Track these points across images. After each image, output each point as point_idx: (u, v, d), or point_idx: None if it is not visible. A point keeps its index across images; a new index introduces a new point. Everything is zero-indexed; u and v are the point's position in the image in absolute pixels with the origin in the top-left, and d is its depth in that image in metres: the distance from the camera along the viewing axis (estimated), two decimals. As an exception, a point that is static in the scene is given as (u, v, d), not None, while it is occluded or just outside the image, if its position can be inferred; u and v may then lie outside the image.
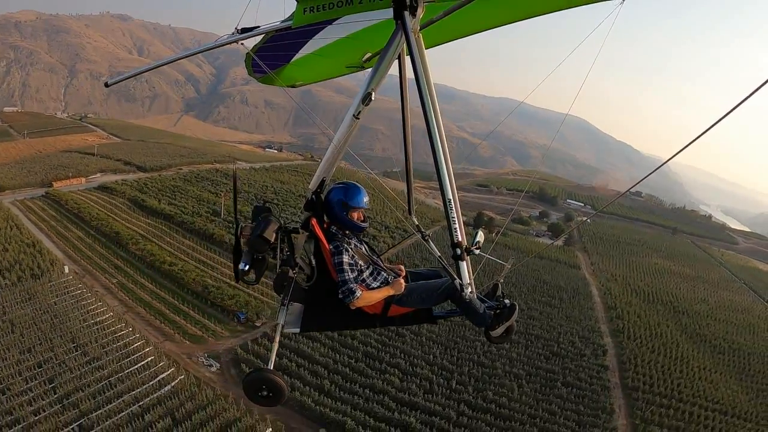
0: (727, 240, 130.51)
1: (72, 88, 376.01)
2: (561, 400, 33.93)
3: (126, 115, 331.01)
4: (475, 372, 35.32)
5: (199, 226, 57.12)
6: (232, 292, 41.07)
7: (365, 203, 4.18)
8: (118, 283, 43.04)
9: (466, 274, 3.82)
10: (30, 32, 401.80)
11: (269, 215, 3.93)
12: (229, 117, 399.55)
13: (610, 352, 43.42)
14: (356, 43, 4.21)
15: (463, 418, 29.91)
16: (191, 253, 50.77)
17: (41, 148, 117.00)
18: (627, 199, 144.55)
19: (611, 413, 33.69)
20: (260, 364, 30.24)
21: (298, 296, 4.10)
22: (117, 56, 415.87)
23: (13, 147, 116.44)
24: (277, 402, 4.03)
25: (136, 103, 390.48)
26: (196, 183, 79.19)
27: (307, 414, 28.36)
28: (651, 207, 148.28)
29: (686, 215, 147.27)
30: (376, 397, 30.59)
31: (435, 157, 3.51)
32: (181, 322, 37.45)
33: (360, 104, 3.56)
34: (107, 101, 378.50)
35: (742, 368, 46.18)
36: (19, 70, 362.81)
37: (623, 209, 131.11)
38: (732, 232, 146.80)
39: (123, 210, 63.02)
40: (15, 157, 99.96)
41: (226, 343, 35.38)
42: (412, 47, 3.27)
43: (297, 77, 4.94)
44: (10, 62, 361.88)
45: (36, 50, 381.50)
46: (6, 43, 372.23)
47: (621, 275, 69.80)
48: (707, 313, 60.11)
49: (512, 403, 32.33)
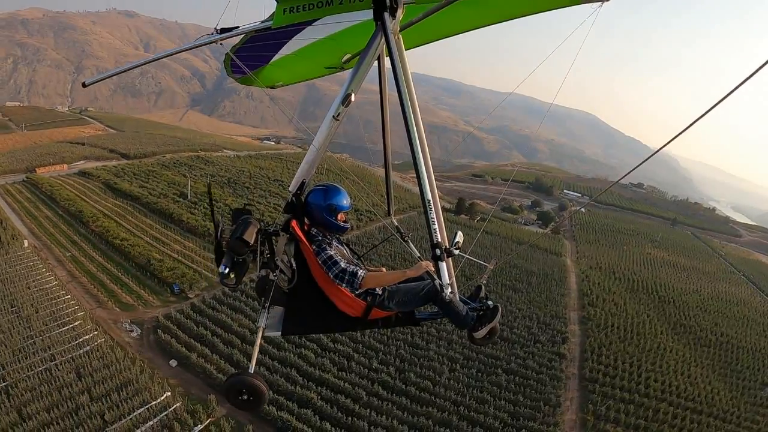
0: (730, 233, 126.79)
1: (78, 84, 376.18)
2: (498, 388, 31.27)
3: (132, 110, 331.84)
4: (403, 352, 33.35)
5: (161, 207, 58.37)
6: (172, 264, 42.60)
7: (347, 205, 4.15)
8: (71, 256, 45.08)
9: (446, 275, 3.80)
10: (36, 29, 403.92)
11: (249, 217, 3.87)
12: (235, 112, 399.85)
13: (573, 340, 40.50)
14: (336, 44, 4.18)
15: (374, 398, 28.31)
16: (147, 230, 52.20)
17: (38, 139, 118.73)
18: (628, 191, 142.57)
19: (556, 406, 30.71)
20: (177, 332, 32.64)
21: (278, 299, 4.04)
22: (123, 52, 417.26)
23: (10, 139, 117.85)
24: (259, 406, 3.90)
25: (142, 98, 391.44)
26: (173, 168, 79.47)
27: (208, 381, 28.62)
28: (652, 199, 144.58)
29: (689, 207, 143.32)
30: (283, 369, 29.62)
31: (414, 159, 3.51)
32: (118, 292, 38.99)
33: (340, 106, 3.50)
34: (113, 97, 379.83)
35: (728, 363, 43.00)
36: (25, 66, 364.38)
37: (623, 200, 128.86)
38: (736, 225, 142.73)
39: (94, 192, 64.55)
40: (10, 148, 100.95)
41: (153, 311, 36.34)
42: (392, 48, 3.30)
43: (276, 78, 4.96)
44: (17, 59, 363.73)
45: (42, 47, 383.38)
46: (13, 41, 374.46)
47: (607, 263, 66.94)
48: (697, 303, 56.91)
49: (437, 388, 30.07)
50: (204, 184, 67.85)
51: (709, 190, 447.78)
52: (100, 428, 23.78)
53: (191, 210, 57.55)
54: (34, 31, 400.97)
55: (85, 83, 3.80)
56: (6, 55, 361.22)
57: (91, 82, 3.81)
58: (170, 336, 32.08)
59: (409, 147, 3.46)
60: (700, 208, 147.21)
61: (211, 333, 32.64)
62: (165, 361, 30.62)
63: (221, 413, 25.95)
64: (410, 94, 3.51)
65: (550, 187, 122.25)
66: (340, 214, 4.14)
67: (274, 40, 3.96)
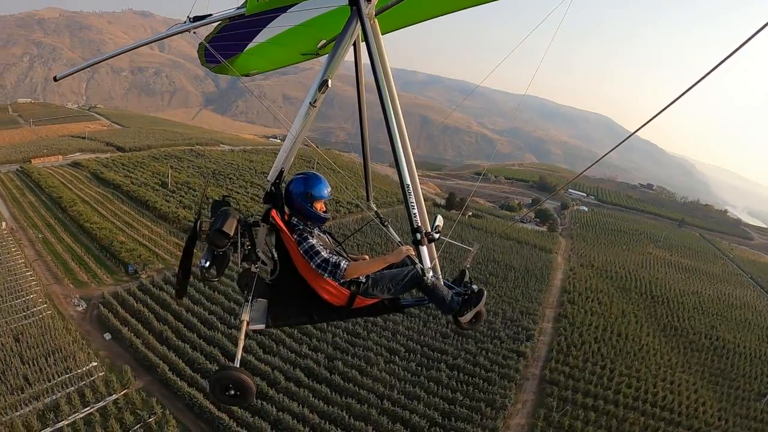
0: (741, 235, 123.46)
1: (93, 83, 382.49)
2: (436, 384, 29.06)
3: (146, 108, 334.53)
4: (339, 340, 32.15)
5: (140, 194, 59.31)
6: (133, 246, 43.85)
7: (327, 194, 4.06)
8: (43, 238, 46.73)
9: (428, 259, 3.76)
10: (53, 29, 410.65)
11: (228, 209, 3.75)
12: (247, 111, 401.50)
13: (542, 339, 38.07)
14: (311, 31, 4.03)
15: (291, 384, 27.45)
16: (120, 215, 53.22)
17: (44, 134, 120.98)
18: (636, 191, 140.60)
19: (501, 408, 28.07)
20: (118, 308, 33.94)
21: (261, 291, 3.97)
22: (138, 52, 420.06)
23: (17, 133, 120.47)
24: (245, 401, 3.75)
25: (156, 98, 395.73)
26: (162, 160, 79.43)
27: (135, 354, 29.79)
28: (661, 200, 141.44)
29: (699, 209, 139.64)
30: (208, 347, 29.90)
31: (392, 144, 3.46)
32: (76, 270, 40.59)
33: (316, 92, 3.51)
34: (127, 96, 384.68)
35: (722, 370, 39.89)
36: (41, 65, 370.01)
37: (631, 201, 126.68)
38: (747, 228, 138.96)
39: (80, 181, 65.80)
40: (16, 142, 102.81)
41: (104, 289, 37.56)
42: (368, 33, 3.26)
43: (251, 66, 4.89)
44: (33, 58, 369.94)
45: (59, 46, 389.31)
46: (29, 39, 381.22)
47: (600, 261, 64.28)
48: (694, 305, 53.86)
49: (365, 379, 28.50)
50: (188, 174, 69.34)
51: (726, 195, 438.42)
52: (22, 388, 25.44)
53: (167, 198, 58.69)
54: (50, 30, 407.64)
55: (56, 77, 3.59)
56: (23, 54, 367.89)
57: (62, 75, 3.60)
58: (110, 311, 33.62)
59: (387, 130, 3.37)
60: (710, 209, 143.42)
61: (149, 310, 33.78)
62: (101, 334, 32.03)
63: (138, 386, 26.98)
64: (386, 77, 3.43)
65: (555, 186, 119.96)
66: (319, 203, 4.06)
67: (248, 28, 3.85)
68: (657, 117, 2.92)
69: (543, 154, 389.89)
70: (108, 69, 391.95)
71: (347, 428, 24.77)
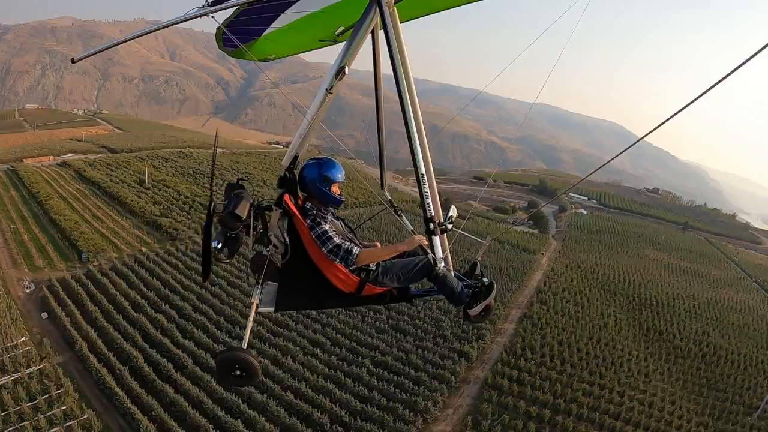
0: (750, 239, 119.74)
1: (104, 91, 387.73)
2: (355, 381, 27.24)
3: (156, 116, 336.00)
4: (261, 329, 31.75)
5: (115, 191, 60.82)
6: (92, 236, 45.56)
7: (341, 177, 4.08)
8: (14, 228, 48.11)
9: (440, 249, 3.78)
10: (65, 37, 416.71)
11: (242, 192, 3.78)
12: (257, 119, 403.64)
13: (498, 339, 35.49)
14: (329, 17, 4.01)
15: (198, 367, 27.56)
16: (91, 209, 55.10)
17: (47, 138, 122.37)
18: (641, 195, 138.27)
19: (423, 412, 25.65)
20: (59, 291, 35.52)
21: (272, 275, 3.97)
22: (149, 60, 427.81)
23: (21, 137, 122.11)
24: (251, 382, 3.85)
25: (166, 106, 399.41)
26: (148, 160, 79.46)
27: (62, 332, 31.31)
28: (666, 204, 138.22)
29: (706, 213, 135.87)
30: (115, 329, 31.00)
31: (408, 134, 3.48)
32: (35, 256, 42.65)
33: (333, 78, 3.53)
34: (138, 103, 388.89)
35: (709, 379, 36.43)
36: (53, 73, 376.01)
37: (635, 205, 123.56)
38: (756, 232, 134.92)
39: (63, 178, 67.21)
40: (17, 144, 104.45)
41: (55, 274, 39.18)
42: (386, 21, 3.28)
43: (269, 51, 4.87)
44: (45, 65, 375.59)
45: (70, 54, 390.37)
46: (42, 48, 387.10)
47: (589, 263, 61.44)
48: (687, 309, 50.84)
49: (275, 368, 27.91)
50: (167, 173, 70.72)
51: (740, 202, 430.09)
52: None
53: (140, 194, 59.98)
54: (62, 38, 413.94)
55: (74, 59, 3.58)
56: (35, 62, 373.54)
57: (80, 57, 3.56)
58: (51, 294, 35.60)
59: (403, 119, 3.42)
60: (718, 214, 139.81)
61: (86, 293, 35.31)
62: (39, 313, 33.80)
63: (57, 361, 28.23)
64: (405, 66, 3.45)
65: (555, 190, 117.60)
66: (334, 186, 4.05)
67: (266, 13, 3.77)
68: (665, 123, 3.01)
69: (553, 161, 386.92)
70: (119, 77, 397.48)
71: (240, 416, 24.20)
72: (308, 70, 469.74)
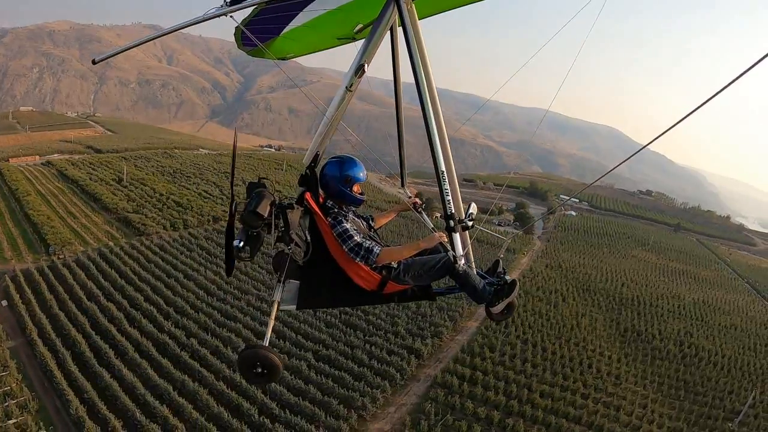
0: (744, 241, 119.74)
1: (101, 94, 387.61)
2: (291, 374, 26.86)
3: (153, 120, 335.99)
4: (208, 320, 32.36)
5: (91, 188, 61.77)
6: (62, 230, 46.91)
7: (363, 176, 4.07)
8: None
9: (460, 246, 3.76)
10: (63, 41, 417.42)
11: (263, 190, 3.69)
12: (253, 123, 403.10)
13: (458, 338, 34.56)
14: (348, 15, 3.99)
15: (138, 355, 28.34)
16: (67, 205, 56.38)
17: (38, 140, 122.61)
18: (635, 198, 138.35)
19: (359, 408, 24.99)
20: (21, 280, 36.87)
21: (293, 273, 3.94)
22: (146, 64, 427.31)
23: (13, 139, 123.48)
24: (272, 379, 3.80)
25: (163, 110, 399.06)
26: (130, 160, 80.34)
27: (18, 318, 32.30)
28: (659, 206, 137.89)
29: (700, 215, 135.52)
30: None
31: (428, 130, 3.48)
32: (6, 249, 43.99)
33: (353, 76, 3.53)
34: (134, 108, 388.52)
35: (687, 382, 34.79)
36: (50, 76, 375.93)
37: (627, 207, 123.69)
38: (750, 233, 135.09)
39: (45, 177, 68.51)
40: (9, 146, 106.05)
41: (21, 265, 40.36)
42: (405, 18, 3.30)
43: (288, 50, 4.88)
44: (42, 69, 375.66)
45: (68, 58, 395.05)
46: (39, 51, 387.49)
47: (572, 263, 60.45)
48: (671, 309, 49.65)
49: (213, 358, 28.00)
50: (147, 173, 71.46)
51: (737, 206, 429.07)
52: None
53: (116, 191, 61.10)
54: (60, 42, 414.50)
55: (95, 60, 3.48)
56: (32, 65, 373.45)
57: (100, 58, 3.44)
58: (13, 282, 36.85)
59: (423, 117, 3.44)
60: (712, 216, 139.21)
61: (45, 283, 36.58)
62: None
63: (8, 345, 29.29)
64: (424, 63, 3.47)
65: (545, 192, 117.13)
66: (355, 186, 4.03)
67: (285, 12, 3.75)
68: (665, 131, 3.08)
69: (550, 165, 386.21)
70: (116, 81, 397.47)
71: (170, 404, 24.31)
72: (305, 74, 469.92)
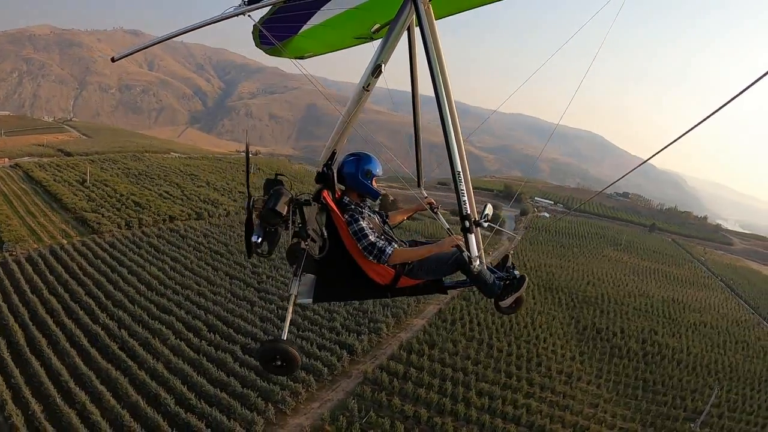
0: (721, 240, 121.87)
1: (81, 100, 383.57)
2: (216, 366, 26.69)
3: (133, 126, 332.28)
4: (143, 313, 32.62)
5: (55, 190, 61.82)
6: (18, 228, 47.58)
7: (380, 171, 4.14)
8: None
9: (475, 247, 3.78)
10: (43, 45, 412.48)
11: (281, 188, 3.85)
12: (233, 130, 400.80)
13: (400, 335, 34.25)
14: (365, 14, 3.96)
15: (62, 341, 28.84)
16: (28, 205, 56.66)
17: (12, 144, 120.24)
18: (612, 200, 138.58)
19: (278, 402, 24.48)
20: None
21: (310, 267, 4.02)
22: (127, 70, 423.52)
23: None
24: (291, 371, 3.97)
25: (143, 115, 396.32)
26: (98, 163, 79.95)
27: None
28: (636, 207, 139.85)
29: (677, 216, 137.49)
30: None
31: (444, 130, 3.51)
32: None
33: (369, 76, 3.56)
34: (114, 113, 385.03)
35: (648, 382, 33.96)
36: (30, 81, 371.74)
37: (604, 209, 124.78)
38: (727, 233, 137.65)
39: (11, 179, 68.18)
40: None
41: None
42: (422, 18, 3.30)
43: (305, 48, 4.76)
44: (22, 74, 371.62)
45: (48, 62, 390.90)
46: (19, 56, 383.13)
47: (538, 263, 60.25)
48: (637, 307, 49.47)
49: (142, 350, 28.02)
50: (111, 174, 72.01)
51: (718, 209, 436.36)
52: None
53: (77, 192, 61.44)
54: (40, 47, 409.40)
55: (114, 58, 3.40)
56: (12, 70, 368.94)
57: (120, 56, 3.40)
58: None
59: (439, 117, 3.46)
60: (689, 216, 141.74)
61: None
62: None
63: None
64: (440, 63, 3.46)
65: (520, 194, 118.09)
66: (374, 180, 4.09)
67: (302, 10, 3.66)
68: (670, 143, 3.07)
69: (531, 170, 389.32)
70: (96, 86, 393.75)
71: (91, 391, 24.51)
72: (286, 80, 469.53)
